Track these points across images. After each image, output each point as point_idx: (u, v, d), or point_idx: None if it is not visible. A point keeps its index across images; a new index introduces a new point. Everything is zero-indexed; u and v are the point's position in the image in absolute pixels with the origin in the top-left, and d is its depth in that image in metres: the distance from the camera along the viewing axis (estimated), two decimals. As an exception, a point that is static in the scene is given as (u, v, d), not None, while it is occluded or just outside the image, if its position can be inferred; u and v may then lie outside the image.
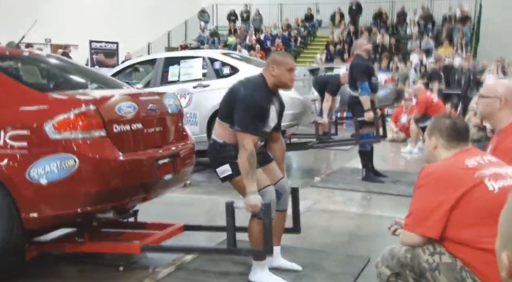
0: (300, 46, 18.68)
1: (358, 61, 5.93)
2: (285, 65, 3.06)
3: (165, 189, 3.54)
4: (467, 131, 2.24)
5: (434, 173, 2.08)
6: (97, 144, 2.95)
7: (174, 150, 3.55)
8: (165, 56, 6.94)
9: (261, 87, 3.04)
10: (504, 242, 1.00)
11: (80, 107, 2.94)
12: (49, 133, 2.87)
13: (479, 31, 16.74)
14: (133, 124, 3.20)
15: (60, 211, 2.93)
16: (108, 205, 3.07)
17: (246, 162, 2.90)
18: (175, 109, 3.70)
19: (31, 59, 3.91)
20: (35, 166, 2.85)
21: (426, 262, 2.04)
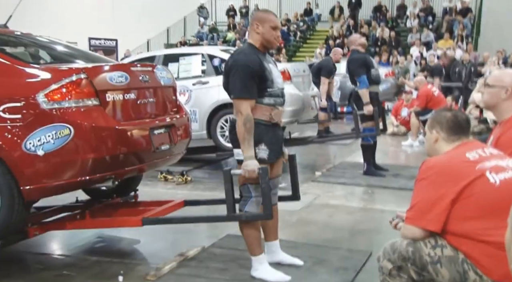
0: (299, 41, 18.64)
1: (354, 56, 5.91)
2: (268, 22, 3.00)
3: (161, 159, 3.54)
4: (468, 124, 2.23)
5: (435, 166, 2.07)
6: (90, 112, 2.96)
7: (169, 121, 3.58)
8: (164, 53, 6.93)
9: (249, 51, 2.98)
10: None
11: (71, 76, 2.95)
12: (42, 104, 2.87)
13: (480, 23, 16.67)
14: (126, 94, 3.22)
15: (58, 180, 2.94)
16: (106, 174, 3.07)
17: (242, 126, 2.86)
18: (168, 81, 3.73)
19: (23, 38, 3.92)
20: (31, 137, 2.85)
21: (428, 255, 2.04)
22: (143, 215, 3.29)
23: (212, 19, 20.52)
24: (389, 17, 17.64)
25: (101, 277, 3.20)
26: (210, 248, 3.63)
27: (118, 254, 3.67)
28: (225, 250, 3.56)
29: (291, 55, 17.60)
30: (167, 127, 3.53)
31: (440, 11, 17.44)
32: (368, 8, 18.62)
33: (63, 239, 3.95)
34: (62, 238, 3.95)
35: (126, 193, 4.03)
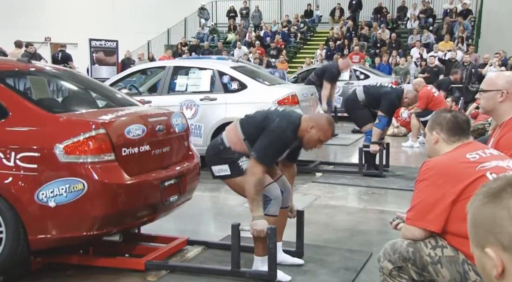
0: (300, 42, 18.64)
1: (395, 98, 5.95)
2: (322, 135, 3.08)
3: (170, 209, 3.53)
4: (468, 125, 2.23)
5: (436, 167, 2.07)
6: (105, 168, 2.95)
7: (179, 170, 3.53)
8: (174, 65, 6.88)
9: (294, 128, 3.05)
10: None
11: (90, 132, 2.94)
12: (59, 157, 2.87)
13: (480, 25, 16.67)
14: (141, 147, 3.20)
15: (66, 233, 2.95)
16: (114, 229, 3.09)
17: (253, 188, 2.92)
18: (182, 128, 3.68)
19: (40, 74, 3.90)
20: (44, 188, 2.86)
21: (428, 256, 2.04)
22: (146, 257, 3.27)
23: (213, 20, 20.53)
24: (390, 19, 17.65)
25: (101, 277, 3.20)
26: (211, 248, 3.63)
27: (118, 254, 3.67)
28: (226, 250, 3.56)
29: (292, 56, 17.61)
30: (178, 177, 3.49)
31: (440, 12, 17.45)
32: (368, 9, 18.62)
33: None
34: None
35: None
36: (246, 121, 3.15)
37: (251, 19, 19.78)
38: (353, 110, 6.24)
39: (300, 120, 3.08)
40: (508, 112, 2.49)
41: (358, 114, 6.16)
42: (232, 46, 17.67)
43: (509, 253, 0.95)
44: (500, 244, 0.95)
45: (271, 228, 2.91)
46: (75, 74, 4.19)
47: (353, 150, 7.83)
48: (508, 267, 0.95)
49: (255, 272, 3.08)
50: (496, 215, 0.96)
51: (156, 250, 3.44)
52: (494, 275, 0.96)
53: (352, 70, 12.18)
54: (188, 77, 6.55)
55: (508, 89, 2.48)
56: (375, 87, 6.20)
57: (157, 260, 3.31)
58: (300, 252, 3.43)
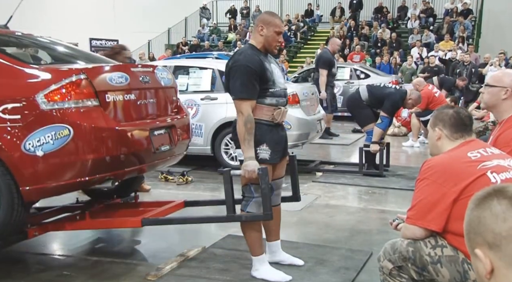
0: (300, 42, 18.64)
1: (399, 99, 5.95)
2: (273, 26, 2.99)
3: (161, 160, 3.53)
4: (471, 121, 2.22)
5: (436, 166, 2.06)
6: (90, 113, 2.95)
7: (169, 122, 3.56)
8: (175, 64, 6.87)
9: (250, 52, 2.97)
10: None
11: (70, 77, 2.94)
12: (42, 105, 2.86)
13: (480, 24, 16.66)
14: (126, 95, 3.20)
15: (58, 181, 2.93)
16: (106, 175, 3.06)
17: (242, 126, 2.86)
18: (168, 82, 3.71)
19: (23, 39, 3.90)
20: (30, 138, 2.84)
21: (428, 255, 2.04)
22: (142, 216, 3.28)
23: (213, 20, 20.53)
24: (390, 18, 17.64)
25: (101, 278, 3.20)
26: (211, 248, 3.63)
27: (118, 254, 3.67)
28: (226, 250, 3.56)
29: (292, 56, 17.61)
30: (167, 128, 3.52)
31: (441, 12, 17.45)
32: (369, 9, 18.62)
33: (64, 239, 3.95)
34: (62, 238, 3.94)
35: (126, 194, 4.03)
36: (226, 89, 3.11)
37: (252, 19, 19.78)
38: (356, 109, 6.23)
39: (249, 44, 3.04)
40: (509, 110, 2.51)
41: (361, 113, 6.14)
42: (233, 46, 17.67)
43: (494, 250, 0.99)
44: (486, 243, 1.00)
45: (262, 168, 2.85)
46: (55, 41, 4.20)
47: (353, 149, 7.83)
48: (496, 265, 0.98)
49: (251, 214, 3.02)
50: (480, 216, 1.02)
51: (153, 210, 3.45)
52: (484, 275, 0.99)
53: (352, 69, 12.18)
54: (189, 76, 6.54)
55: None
56: (379, 87, 6.19)
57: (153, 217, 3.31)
58: (297, 197, 3.40)
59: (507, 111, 2.51)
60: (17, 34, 3.79)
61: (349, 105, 6.49)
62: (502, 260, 0.97)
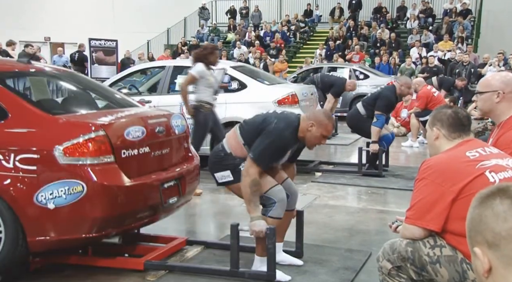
0: (299, 42, 18.64)
1: (390, 94, 5.96)
2: (323, 130, 3.05)
3: (169, 211, 3.52)
4: (469, 121, 2.22)
5: (435, 166, 2.06)
6: (105, 170, 2.94)
7: (179, 171, 3.52)
8: (174, 65, 6.86)
9: (293, 130, 3.04)
10: None
11: (89, 133, 2.93)
12: (58, 158, 2.86)
13: (479, 24, 16.67)
14: (140, 149, 3.18)
15: (65, 235, 2.94)
16: (113, 231, 3.08)
17: (248, 188, 2.92)
18: (182, 130, 3.66)
19: (39, 74, 3.89)
20: (43, 190, 2.85)
21: (427, 255, 2.04)
22: (146, 257, 3.27)
23: (212, 20, 20.53)
24: (389, 19, 17.65)
25: (101, 278, 3.20)
26: (210, 248, 3.63)
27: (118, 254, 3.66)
28: (225, 250, 3.56)
29: (291, 56, 17.61)
30: (177, 179, 3.48)
31: (440, 12, 17.46)
32: (368, 9, 18.62)
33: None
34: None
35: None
36: (245, 126, 3.15)
37: (251, 19, 19.78)
38: (357, 124, 6.28)
39: (299, 121, 3.07)
40: (506, 112, 2.50)
41: (363, 127, 6.17)
42: (232, 46, 17.67)
43: (493, 250, 0.99)
44: (485, 242, 1.00)
45: (270, 228, 2.90)
46: (75, 75, 4.18)
47: (352, 149, 7.83)
48: (494, 264, 0.98)
49: (254, 272, 3.08)
50: (482, 214, 1.02)
51: (155, 250, 3.44)
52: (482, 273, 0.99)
53: (352, 70, 12.18)
54: None
55: (504, 89, 2.48)
56: (370, 96, 6.21)
57: (156, 260, 3.30)
58: (299, 252, 3.43)
59: (504, 113, 2.50)
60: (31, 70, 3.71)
61: (351, 124, 6.52)
62: (500, 259, 0.97)
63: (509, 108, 2.49)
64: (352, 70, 12.16)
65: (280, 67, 15.20)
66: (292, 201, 3.23)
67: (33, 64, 3.73)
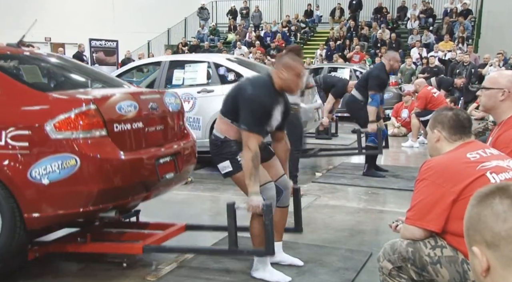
0: (300, 42, 18.64)
1: (379, 72, 5.91)
2: (294, 70, 3.03)
3: (166, 187, 3.53)
4: (470, 123, 2.22)
5: (436, 166, 2.06)
6: (98, 143, 2.94)
7: (175, 148, 3.53)
8: (170, 59, 6.88)
9: (268, 88, 3.02)
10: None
11: (80, 107, 2.93)
12: (50, 133, 2.86)
13: (480, 25, 16.68)
14: (134, 123, 3.19)
15: (62, 210, 2.93)
16: (110, 204, 3.07)
17: (249, 162, 2.90)
18: (176, 107, 3.68)
19: (32, 59, 3.90)
20: (37, 166, 2.84)
21: (427, 256, 2.04)
22: (144, 242, 3.27)
23: (213, 20, 20.54)
24: (390, 19, 17.65)
25: (101, 278, 3.20)
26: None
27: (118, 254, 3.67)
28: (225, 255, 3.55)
29: (292, 56, 17.59)
30: (173, 155, 3.49)
31: (440, 13, 17.46)
32: (368, 9, 18.63)
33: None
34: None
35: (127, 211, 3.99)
36: (224, 105, 3.13)
37: (251, 19, 19.79)
38: (355, 110, 6.22)
39: (269, 77, 3.06)
40: (508, 111, 2.51)
41: (360, 113, 6.11)
42: (232, 46, 17.68)
43: (492, 249, 0.98)
44: (484, 242, 0.99)
45: (267, 205, 2.88)
46: (66, 59, 4.16)
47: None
48: (492, 264, 0.98)
49: (253, 250, 3.04)
50: (481, 214, 1.01)
51: (154, 235, 3.44)
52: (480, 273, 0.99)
53: (352, 70, 12.19)
54: (185, 70, 6.54)
55: (509, 88, 2.49)
56: (361, 78, 6.22)
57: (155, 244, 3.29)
58: (299, 230, 3.42)
59: (505, 112, 2.51)
60: (27, 53, 3.75)
61: (348, 108, 6.51)
62: (499, 260, 0.97)
63: (511, 107, 2.49)
64: (353, 70, 12.16)
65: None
66: (285, 197, 3.22)
67: (22, 49, 3.73)
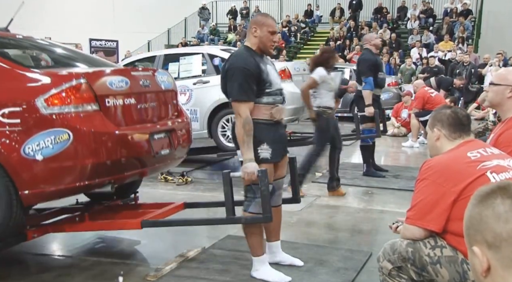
0: (300, 42, 18.65)
1: (366, 56, 5.88)
2: (266, 26, 3.00)
3: (162, 164, 3.53)
4: (469, 120, 2.22)
5: (436, 166, 2.06)
6: (89, 117, 2.95)
7: (169, 126, 3.56)
8: (165, 53, 6.93)
9: (246, 54, 2.98)
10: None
11: (70, 81, 2.93)
12: (41, 109, 2.85)
13: (480, 25, 16.68)
14: (126, 99, 3.20)
15: (57, 185, 2.92)
16: (105, 179, 3.05)
17: (241, 128, 2.86)
18: (169, 85, 3.71)
19: (23, 41, 3.90)
20: (30, 142, 2.83)
21: (427, 256, 2.04)
22: (142, 218, 3.28)
23: (213, 20, 20.54)
24: (390, 19, 17.65)
25: (101, 278, 3.20)
26: (210, 249, 3.63)
27: (118, 254, 3.67)
28: (226, 251, 3.56)
29: (292, 56, 17.61)
30: (168, 132, 3.52)
31: (440, 13, 17.46)
32: (368, 9, 18.64)
33: (64, 240, 3.95)
34: (62, 238, 3.95)
35: (126, 195, 4.03)
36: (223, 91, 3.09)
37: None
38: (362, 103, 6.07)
39: (245, 45, 3.04)
40: None
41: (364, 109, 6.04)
42: (233, 46, 17.68)
43: (493, 250, 0.97)
44: (485, 242, 0.98)
45: (262, 170, 2.85)
46: (56, 44, 4.17)
47: (353, 149, 7.83)
48: (492, 264, 0.97)
49: (251, 217, 3.02)
50: (482, 214, 1.00)
51: (153, 212, 3.45)
52: (480, 273, 0.98)
53: (352, 70, 12.18)
54: (180, 63, 6.55)
55: None
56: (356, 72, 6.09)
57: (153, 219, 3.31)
58: (296, 199, 3.41)
59: (510, 109, 2.51)
60: (18, 37, 3.77)
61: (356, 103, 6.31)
62: (500, 261, 0.96)
63: None
64: (353, 70, 12.16)
65: (280, 67, 15.21)
66: (277, 196, 3.20)
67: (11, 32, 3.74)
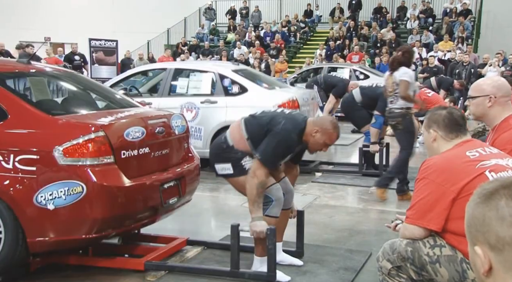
0: (299, 42, 18.64)
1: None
2: (327, 138, 3.06)
3: (169, 211, 3.52)
4: (464, 120, 2.22)
5: (435, 165, 2.07)
6: (105, 170, 2.94)
7: (179, 172, 3.52)
8: (175, 67, 6.86)
9: (299, 132, 3.05)
10: None
11: (89, 134, 2.93)
12: (58, 159, 2.86)
13: (480, 25, 16.68)
14: (140, 149, 3.18)
15: (65, 236, 2.94)
16: (113, 231, 3.08)
17: (254, 189, 2.92)
18: (182, 130, 3.66)
19: (40, 75, 3.89)
20: (43, 191, 2.85)
21: (426, 255, 2.04)
22: (146, 258, 3.27)
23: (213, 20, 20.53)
24: (389, 19, 17.65)
25: (101, 278, 3.20)
26: (211, 248, 3.63)
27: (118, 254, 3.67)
28: (225, 250, 3.57)
29: (291, 56, 17.61)
30: (177, 179, 3.48)
31: (440, 12, 17.46)
32: (368, 9, 18.63)
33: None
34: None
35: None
36: (251, 120, 3.14)
37: (251, 19, 19.78)
38: (351, 111, 6.29)
39: (305, 124, 3.07)
40: (498, 116, 2.52)
41: (356, 115, 6.19)
42: (232, 46, 17.67)
43: (495, 252, 0.96)
44: (487, 243, 0.97)
45: (271, 229, 2.90)
46: (75, 75, 4.19)
47: (352, 149, 7.84)
48: (494, 266, 0.97)
49: (254, 273, 3.08)
50: (486, 215, 0.98)
51: (156, 250, 3.44)
52: (481, 273, 0.98)
53: (352, 70, 12.19)
54: (189, 79, 6.54)
55: (495, 94, 2.50)
56: (371, 88, 6.22)
57: (157, 260, 3.30)
58: (300, 252, 3.43)
59: (496, 117, 2.52)
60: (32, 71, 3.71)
61: (344, 109, 6.54)
62: (502, 263, 0.95)
63: (501, 112, 2.51)
64: (353, 70, 12.17)
65: (280, 67, 15.21)
66: (288, 199, 3.23)
67: (33, 64, 3.73)
